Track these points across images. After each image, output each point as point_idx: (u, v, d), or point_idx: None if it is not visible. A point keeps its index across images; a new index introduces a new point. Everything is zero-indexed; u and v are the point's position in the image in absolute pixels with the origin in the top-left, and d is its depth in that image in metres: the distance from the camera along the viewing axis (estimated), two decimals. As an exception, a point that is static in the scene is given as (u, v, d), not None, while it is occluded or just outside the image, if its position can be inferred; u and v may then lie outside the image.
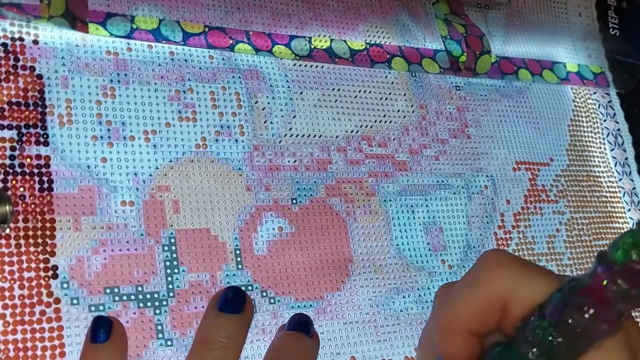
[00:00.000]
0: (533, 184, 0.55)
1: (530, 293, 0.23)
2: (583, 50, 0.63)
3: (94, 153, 0.39)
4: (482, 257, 0.25)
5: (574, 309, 0.21)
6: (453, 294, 0.25)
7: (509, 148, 0.55)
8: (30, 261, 0.36)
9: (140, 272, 0.38)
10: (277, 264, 0.42)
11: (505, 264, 0.24)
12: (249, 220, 0.42)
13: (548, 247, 0.53)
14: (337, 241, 0.45)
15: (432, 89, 0.53)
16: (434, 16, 0.54)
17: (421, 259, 0.47)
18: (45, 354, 0.35)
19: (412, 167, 0.49)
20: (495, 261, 0.24)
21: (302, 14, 0.48)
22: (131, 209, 0.39)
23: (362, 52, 0.49)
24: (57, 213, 0.37)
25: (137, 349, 0.37)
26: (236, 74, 0.45)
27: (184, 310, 0.39)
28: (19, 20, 0.39)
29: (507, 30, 0.59)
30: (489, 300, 0.24)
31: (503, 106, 0.56)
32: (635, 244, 0.19)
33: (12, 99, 0.38)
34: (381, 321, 0.44)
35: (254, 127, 0.45)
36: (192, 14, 0.44)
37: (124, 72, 0.41)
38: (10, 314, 0.35)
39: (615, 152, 0.61)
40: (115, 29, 0.41)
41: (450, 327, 0.25)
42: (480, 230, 0.50)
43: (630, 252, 0.19)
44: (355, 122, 0.48)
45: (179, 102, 0.43)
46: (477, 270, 0.25)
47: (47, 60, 0.39)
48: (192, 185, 0.41)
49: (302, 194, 0.45)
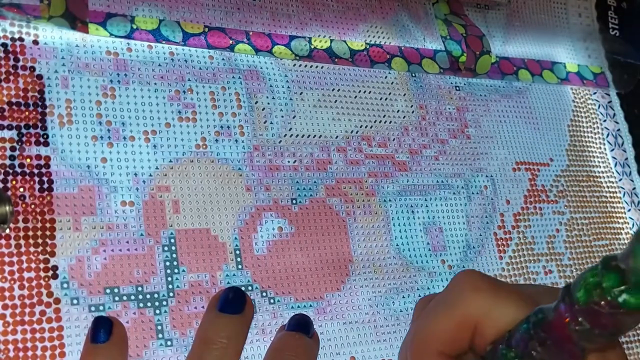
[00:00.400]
0: (533, 184, 0.55)
1: (501, 318, 0.23)
2: (583, 51, 0.63)
3: (94, 153, 0.39)
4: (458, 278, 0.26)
5: (539, 342, 0.21)
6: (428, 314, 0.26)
7: (509, 148, 0.55)
8: (30, 261, 0.36)
9: (140, 272, 0.38)
10: (277, 264, 0.42)
11: (479, 288, 0.24)
12: (248, 220, 0.42)
13: (548, 247, 0.53)
14: (337, 241, 0.45)
15: (432, 89, 0.53)
16: (433, 16, 0.54)
17: (421, 259, 0.47)
18: (45, 354, 0.35)
19: (411, 167, 0.49)
20: (470, 285, 0.25)
21: (302, 14, 0.48)
22: (131, 209, 0.39)
23: (362, 53, 0.49)
24: (57, 213, 0.37)
25: (137, 349, 0.37)
26: (236, 74, 0.45)
27: (184, 310, 0.39)
28: (19, 21, 0.39)
29: (507, 30, 0.59)
30: (461, 324, 0.24)
31: (503, 106, 0.56)
32: (597, 284, 0.18)
33: (12, 99, 0.38)
34: (381, 321, 0.44)
35: (254, 127, 0.45)
36: (192, 14, 0.44)
37: (124, 73, 0.41)
38: (10, 314, 0.35)
39: (615, 152, 0.61)
40: (115, 29, 0.41)
41: (424, 348, 0.25)
42: (480, 230, 0.50)
43: (592, 292, 0.18)
44: (355, 122, 0.48)
45: (179, 102, 0.43)
46: (452, 293, 0.25)
47: (47, 60, 0.39)
48: (192, 186, 0.41)
49: (302, 194, 0.45)
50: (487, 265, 0.50)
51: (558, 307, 0.20)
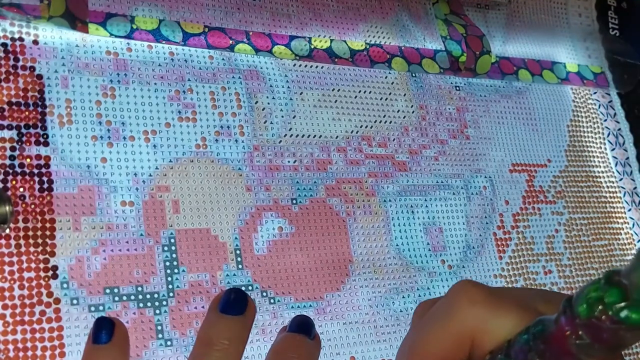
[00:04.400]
0: (530, 185, 0.55)
1: (499, 329, 0.23)
2: (583, 51, 0.63)
3: (94, 153, 0.39)
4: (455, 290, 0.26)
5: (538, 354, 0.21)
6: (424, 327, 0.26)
7: (506, 150, 0.55)
8: (30, 261, 0.36)
9: (140, 272, 0.38)
10: (277, 264, 0.42)
11: (476, 300, 0.25)
12: (249, 220, 0.42)
13: (547, 247, 0.53)
14: (337, 241, 0.45)
15: (432, 89, 0.53)
16: (433, 16, 0.54)
17: (421, 259, 0.47)
18: (45, 354, 0.35)
19: (411, 167, 0.49)
20: (467, 297, 0.25)
21: (302, 14, 0.48)
22: (131, 209, 0.39)
23: (362, 53, 0.49)
24: (57, 213, 0.37)
25: (137, 349, 0.37)
26: (236, 74, 0.45)
27: (184, 310, 0.39)
28: (19, 20, 0.39)
29: (507, 30, 0.59)
30: (458, 336, 0.25)
31: (502, 107, 0.56)
32: (599, 299, 0.18)
33: (12, 99, 0.38)
34: (381, 321, 0.44)
35: (254, 127, 0.45)
36: (192, 14, 0.44)
37: (124, 72, 0.41)
38: (10, 314, 0.35)
39: (616, 151, 0.61)
40: (115, 29, 0.41)
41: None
42: (479, 230, 0.50)
43: (594, 307, 0.18)
44: (355, 122, 0.48)
45: (179, 102, 0.43)
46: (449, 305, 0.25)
47: (47, 60, 0.39)
48: (192, 186, 0.41)
49: (302, 194, 0.45)
50: (487, 265, 0.50)
51: (559, 319, 0.20)
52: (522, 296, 0.26)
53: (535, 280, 0.52)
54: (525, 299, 0.25)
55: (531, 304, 0.24)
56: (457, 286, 0.26)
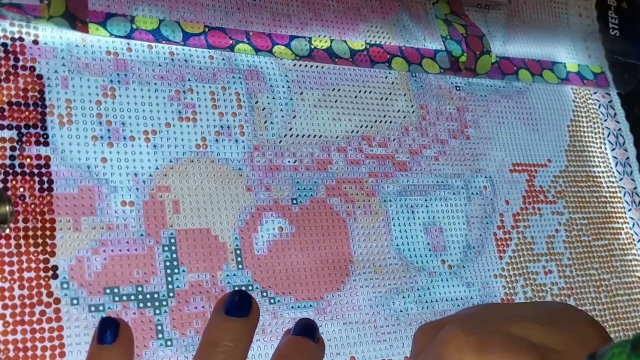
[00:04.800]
0: (531, 185, 0.55)
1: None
2: (583, 51, 0.63)
3: (94, 153, 0.39)
4: (443, 340, 0.26)
5: None
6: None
7: (507, 150, 0.55)
8: (30, 261, 0.36)
9: (140, 272, 0.38)
10: (277, 264, 0.42)
11: (463, 349, 0.25)
12: (249, 220, 0.42)
13: (547, 247, 0.53)
14: (337, 241, 0.45)
15: (432, 89, 0.53)
16: (434, 16, 0.54)
17: (421, 259, 0.47)
18: (45, 354, 0.35)
19: (412, 167, 0.49)
20: (456, 346, 0.25)
21: (302, 14, 0.48)
22: (131, 209, 0.39)
23: (362, 52, 0.49)
24: (57, 213, 0.37)
25: (137, 349, 0.37)
26: (236, 74, 0.45)
27: (184, 310, 0.39)
28: (19, 20, 0.39)
29: (507, 30, 0.59)
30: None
31: (503, 107, 0.56)
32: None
33: (12, 99, 0.38)
34: (381, 321, 0.44)
35: (254, 127, 0.45)
36: (192, 14, 0.44)
37: (124, 72, 0.41)
38: (10, 314, 0.35)
39: (616, 151, 0.61)
40: (115, 29, 0.41)
41: None
42: (479, 230, 0.50)
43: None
44: (355, 122, 0.48)
45: (179, 102, 0.43)
46: (438, 356, 0.26)
47: (47, 60, 0.39)
48: (192, 186, 0.41)
49: (302, 194, 0.45)
50: (487, 265, 0.50)
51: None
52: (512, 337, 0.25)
53: (536, 280, 0.52)
54: (516, 340, 0.25)
55: (522, 344, 0.25)
56: (444, 336, 0.26)
